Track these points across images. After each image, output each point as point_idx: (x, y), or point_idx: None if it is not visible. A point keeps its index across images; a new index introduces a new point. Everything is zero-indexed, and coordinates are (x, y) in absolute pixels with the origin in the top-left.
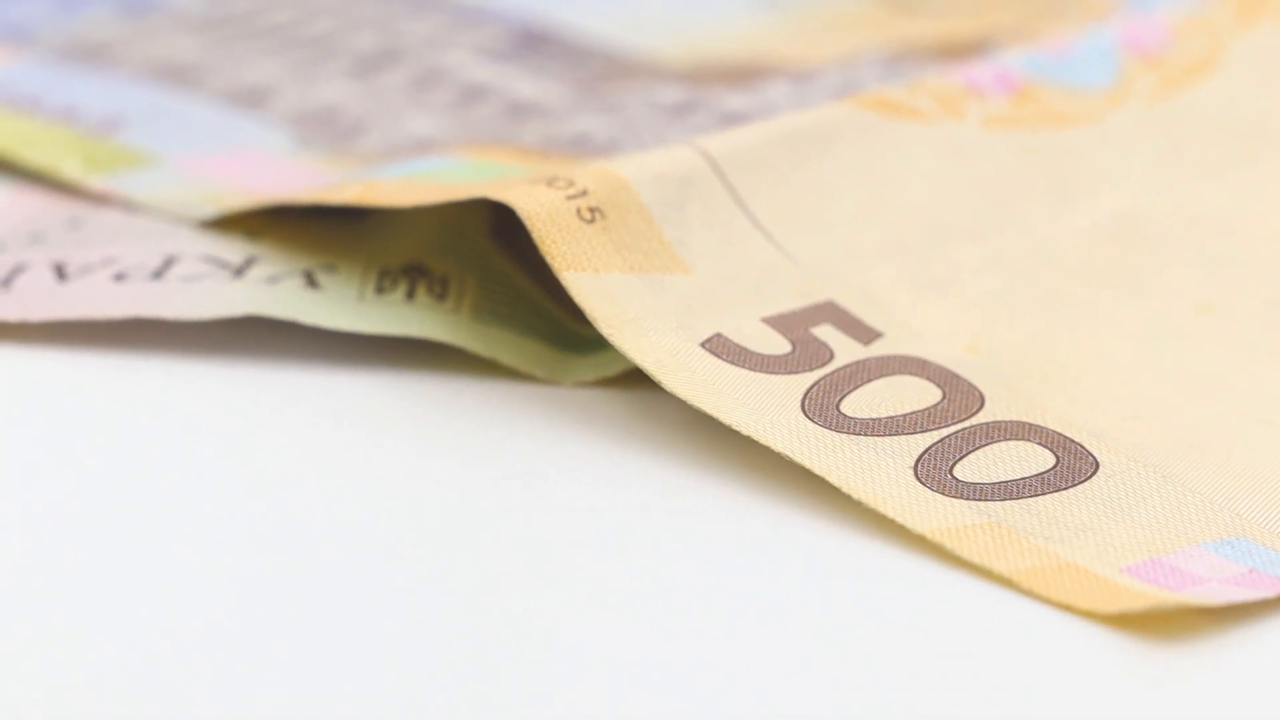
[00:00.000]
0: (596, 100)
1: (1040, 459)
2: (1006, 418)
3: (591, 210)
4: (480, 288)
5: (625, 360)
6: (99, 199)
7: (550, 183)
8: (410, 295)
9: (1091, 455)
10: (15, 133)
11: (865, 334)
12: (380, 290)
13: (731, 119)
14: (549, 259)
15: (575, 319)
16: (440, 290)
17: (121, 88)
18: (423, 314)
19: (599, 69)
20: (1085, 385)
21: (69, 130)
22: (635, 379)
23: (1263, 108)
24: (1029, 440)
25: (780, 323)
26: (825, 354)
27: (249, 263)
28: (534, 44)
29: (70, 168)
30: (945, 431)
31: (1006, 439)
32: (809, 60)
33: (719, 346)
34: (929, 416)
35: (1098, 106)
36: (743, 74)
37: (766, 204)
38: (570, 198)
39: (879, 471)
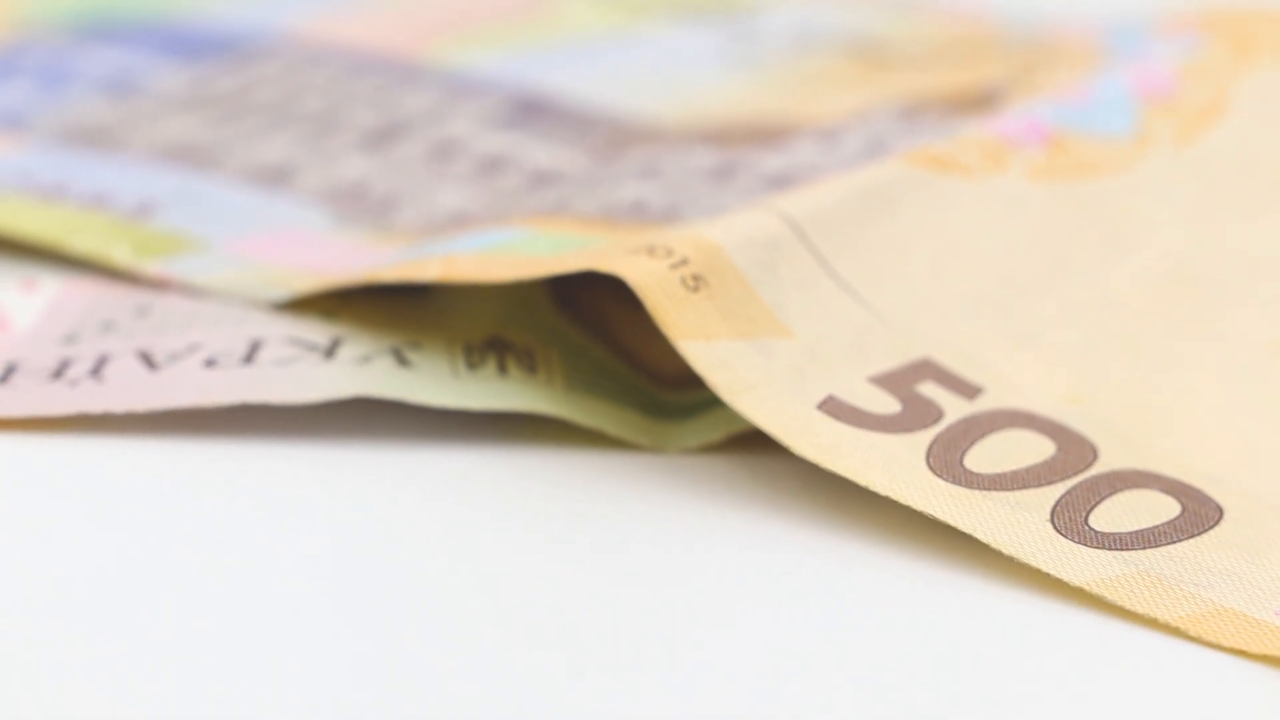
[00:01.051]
0: (636, 166)
1: (1166, 506)
2: (1124, 467)
3: (695, 278)
4: (564, 359)
5: (730, 425)
6: (158, 285)
7: (650, 252)
8: (502, 369)
9: (1213, 500)
10: (55, 221)
11: (967, 389)
12: (471, 366)
13: (776, 180)
14: (664, 329)
15: (658, 386)
16: (529, 363)
17: (143, 171)
18: (520, 388)
19: (608, 134)
20: (1186, 430)
21: (103, 216)
22: (740, 442)
23: None
24: (1150, 488)
25: (885, 382)
26: (935, 412)
27: (336, 344)
28: (533, 112)
29: (120, 254)
30: (1070, 483)
31: (1129, 488)
32: (822, 118)
33: (835, 408)
34: (1050, 469)
35: (1125, 154)
36: (764, 134)
37: (849, 263)
38: (673, 266)
39: (1021, 526)
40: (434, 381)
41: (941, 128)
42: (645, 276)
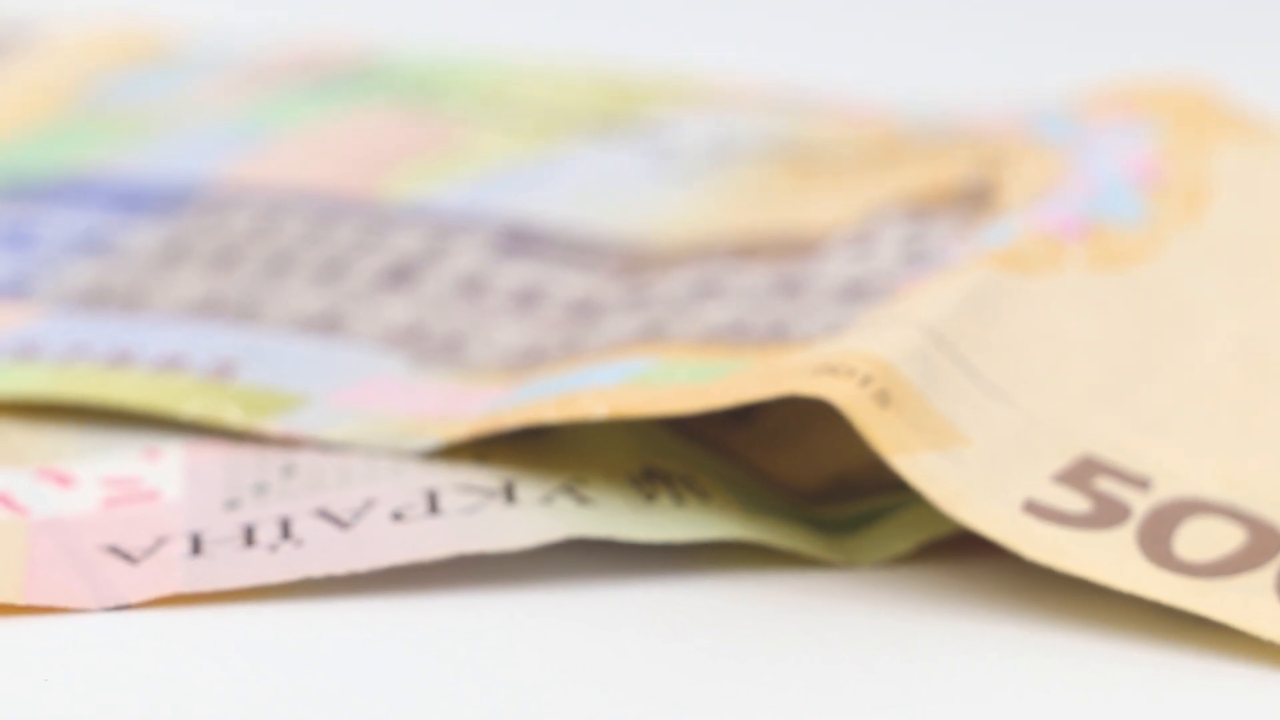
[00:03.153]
0: (688, 287)
1: None
2: None
3: (881, 395)
4: (720, 484)
5: (919, 534)
6: (286, 443)
7: (833, 371)
8: (679, 499)
9: None
10: (151, 387)
11: (1138, 482)
12: (649, 497)
13: (847, 292)
14: (879, 447)
15: (806, 503)
16: (700, 489)
17: (197, 331)
18: (704, 516)
19: (622, 258)
20: None
21: (187, 379)
22: (929, 551)
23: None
24: None
25: (1066, 481)
26: (1123, 506)
27: (509, 487)
28: (527, 241)
29: (232, 415)
30: (1276, 566)
31: None
32: (829, 225)
33: (1038, 511)
34: (1250, 554)
35: (1149, 241)
36: (787, 246)
37: (989, 367)
38: (861, 385)
39: (1263, 612)
40: (626, 516)
41: (963, 230)
42: (844, 397)
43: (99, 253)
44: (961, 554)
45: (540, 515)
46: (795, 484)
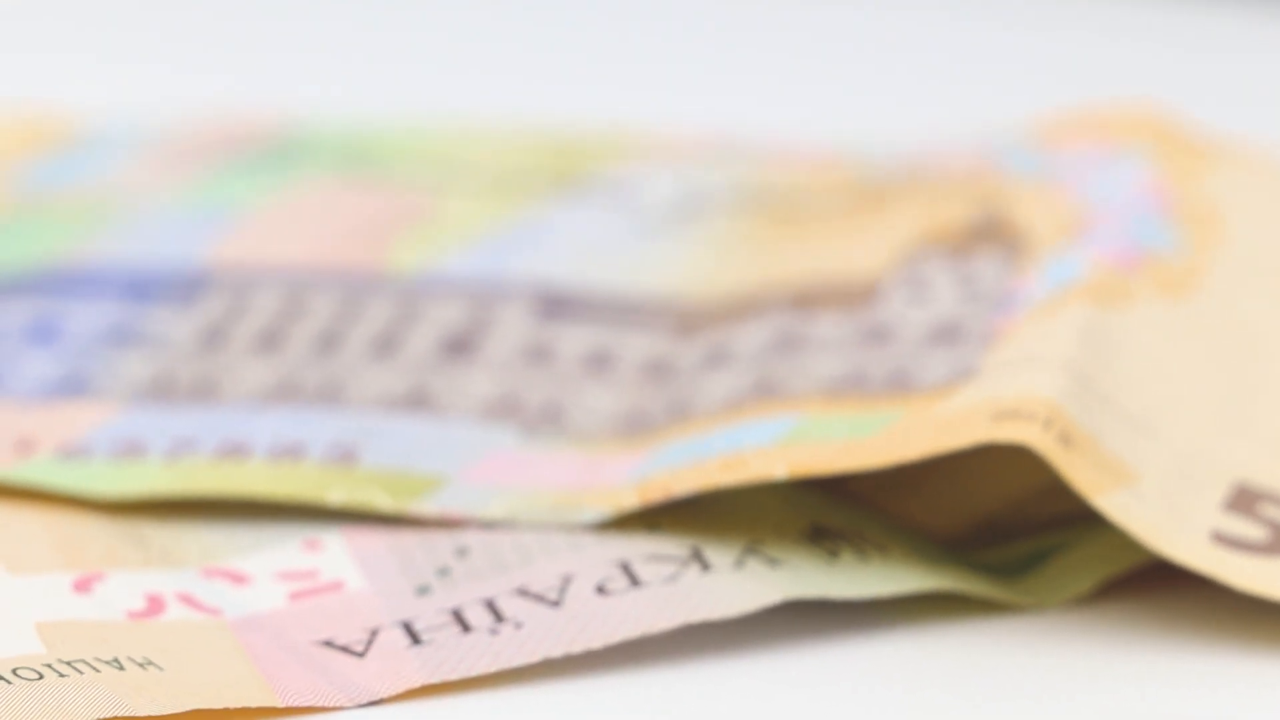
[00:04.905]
0: (764, 341)
1: None
2: None
3: (1064, 436)
4: (886, 536)
5: (1099, 571)
6: (447, 525)
7: (1014, 416)
8: (861, 555)
9: None
10: (277, 475)
11: None
12: (833, 554)
13: (935, 337)
14: (1080, 488)
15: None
16: (876, 542)
17: (299, 417)
18: (894, 569)
19: (673, 318)
20: None
21: (309, 465)
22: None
23: None
24: None
25: (1235, 509)
26: None
27: (698, 553)
28: (565, 305)
29: (381, 501)
30: None
31: None
32: (868, 269)
33: (1226, 541)
34: None
35: (1190, 268)
36: (840, 295)
37: (1131, 402)
38: (1044, 428)
39: None
40: (821, 576)
41: (1010, 267)
42: (1038, 441)
43: (137, 344)
44: (1138, 588)
45: (744, 580)
46: (934, 530)
